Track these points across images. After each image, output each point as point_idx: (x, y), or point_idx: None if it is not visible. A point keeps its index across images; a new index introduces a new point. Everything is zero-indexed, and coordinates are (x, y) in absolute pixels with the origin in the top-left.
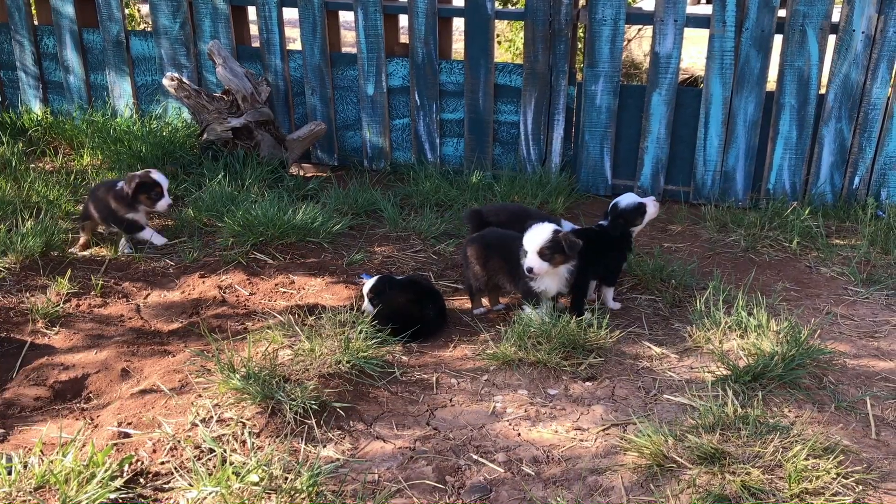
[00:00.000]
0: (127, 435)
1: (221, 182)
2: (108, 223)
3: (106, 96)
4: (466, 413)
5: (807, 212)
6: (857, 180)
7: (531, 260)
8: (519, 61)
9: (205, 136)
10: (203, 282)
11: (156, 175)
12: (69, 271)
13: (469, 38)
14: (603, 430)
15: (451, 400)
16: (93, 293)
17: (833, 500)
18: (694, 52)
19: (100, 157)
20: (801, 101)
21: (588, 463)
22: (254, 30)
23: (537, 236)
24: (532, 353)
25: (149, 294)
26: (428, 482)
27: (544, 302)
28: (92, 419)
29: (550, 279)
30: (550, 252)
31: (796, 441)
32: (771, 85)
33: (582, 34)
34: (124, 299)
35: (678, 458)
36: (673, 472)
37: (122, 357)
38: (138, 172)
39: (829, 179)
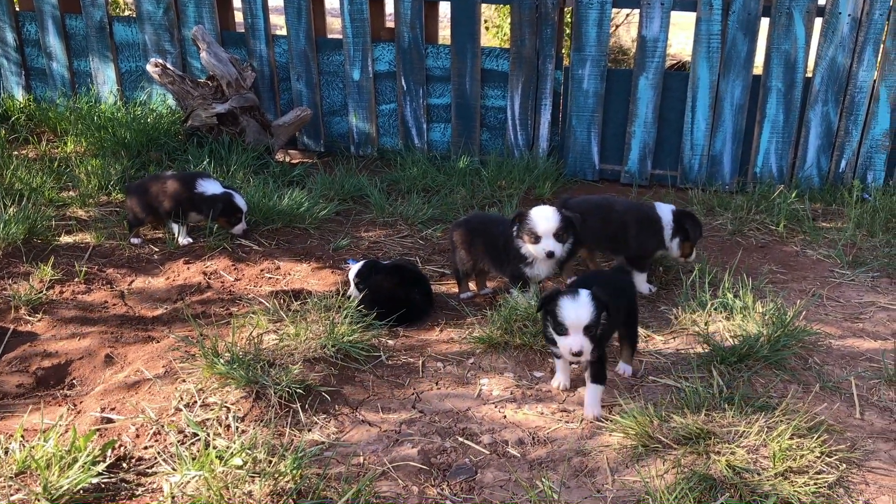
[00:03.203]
0: (110, 420)
1: (206, 168)
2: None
3: (89, 83)
4: (452, 396)
5: (793, 195)
6: (843, 164)
7: (549, 244)
8: (507, 46)
9: (189, 122)
10: (188, 268)
11: (238, 201)
12: (52, 258)
13: (455, 22)
14: None
15: (436, 383)
16: (76, 280)
17: (817, 479)
18: (682, 37)
19: (84, 144)
20: (788, 85)
21: (573, 444)
22: (238, 16)
23: (549, 219)
24: (518, 337)
25: (133, 280)
26: (413, 464)
27: (532, 285)
28: (75, 405)
29: (543, 263)
30: (564, 232)
31: (781, 421)
32: (758, 69)
33: (569, 18)
34: (108, 286)
35: (663, 439)
36: (658, 453)
37: (105, 343)
38: (219, 192)
39: (816, 163)
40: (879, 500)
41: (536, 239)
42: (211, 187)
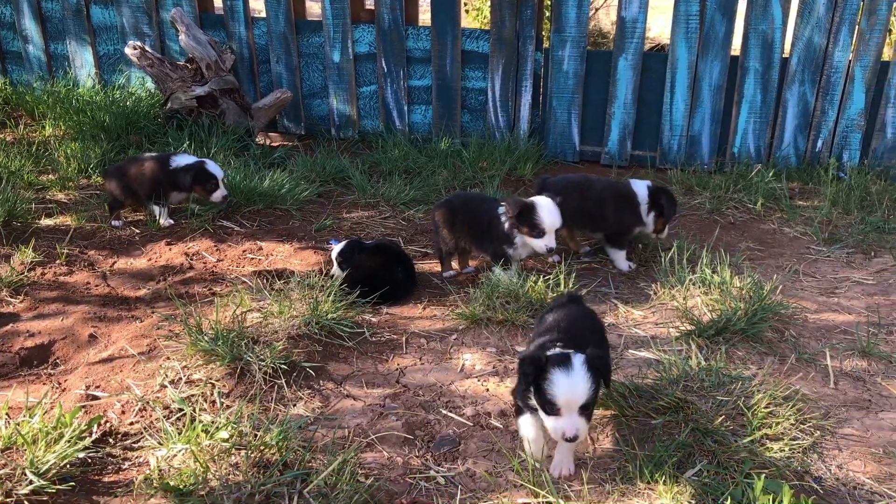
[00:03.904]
0: (95, 398)
1: (187, 151)
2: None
3: (67, 66)
4: (435, 371)
5: (771, 174)
6: (819, 143)
7: (551, 240)
8: (487, 28)
9: (169, 105)
10: (170, 249)
11: (211, 167)
12: (33, 241)
13: (436, 3)
14: None
15: (420, 359)
16: (58, 262)
17: (792, 444)
18: (661, 20)
19: (62, 127)
20: (766, 65)
21: None
22: None
23: (553, 214)
24: (500, 312)
25: (115, 262)
26: (398, 435)
27: (514, 263)
28: (59, 384)
29: (530, 249)
30: (561, 228)
31: (757, 390)
32: (736, 50)
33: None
34: (90, 267)
35: (643, 409)
36: (638, 422)
37: (88, 323)
38: (192, 162)
39: (793, 142)
40: (852, 464)
41: (540, 233)
42: (185, 160)
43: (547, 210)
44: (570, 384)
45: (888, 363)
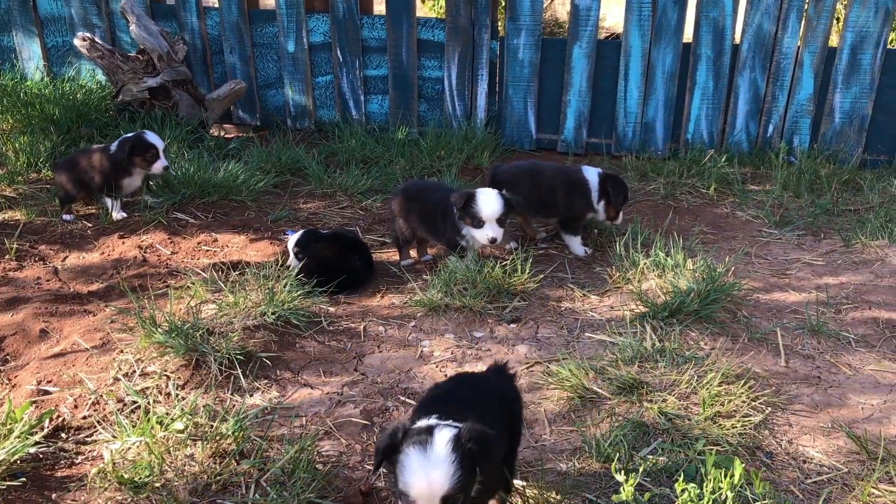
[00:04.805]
0: (47, 392)
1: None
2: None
3: (14, 59)
4: (394, 358)
5: (723, 159)
6: (770, 128)
7: (493, 230)
8: (443, 17)
9: (120, 97)
10: (123, 242)
11: (150, 136)
12: None
13: None
14: (527, 367)
15: (378, 346)
16: (7, 257)
17: (744, 421)
18: (616, 11)
19: (10, 121)
20: (717, 52)
21: None
22: None
23: (492, 204)
24: (458, 299)
25: (66, 256)
26: (356, 421)
27: (471, 250)
28: (9, 379)
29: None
30: (505, 216)
31: (710, 370)
32: (688, 37)
33: None
34: (41, 262)
35: (599, 391)
36: (594, 403)
37: (39, 318)
38: (130, 135)
39: (745, 128)
40: (801, 439)
41: (480, 224)
42: (124, 136)
43: (486, 200)
44: (428, 478)
45: (836, 341)
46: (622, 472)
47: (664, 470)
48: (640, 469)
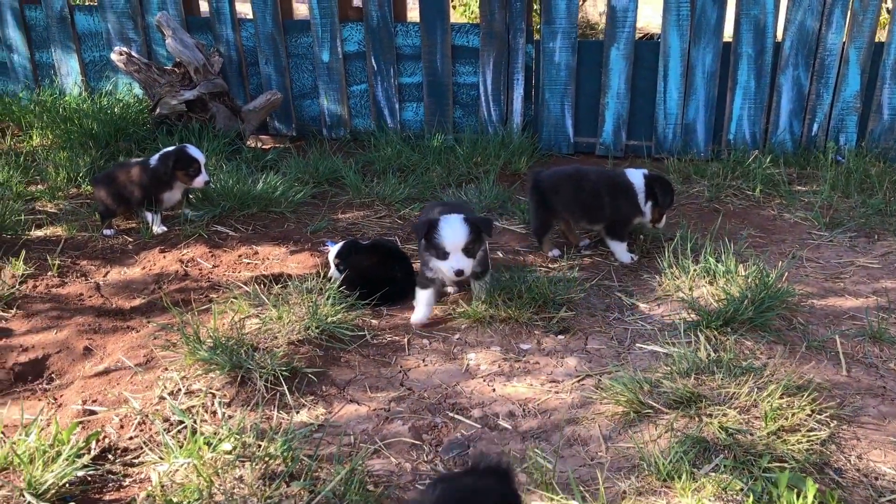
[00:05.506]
0: (92, 412)
1: None
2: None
3: (53, 74)
4: (440, 372)
5: (768, 160)
6: (815, 127)
7: (459, 261)
8: (476, 22)
9: (158, 110)
10: (164, 257)
11: (193, 151)
12: (23, 252)
13: None
14: (577, 381)
15: (423, 360)
16: (50, 273)
17: (809, 436)
18: (648, 10)
19: (50, 137)
20: (758, 50)
21: (564, 414)
22: (203, 2)
23: (456, 232)
24: (503, 310)
25: (108, 272)
26: (405, 440)
27: (427, 291)
28: (55, 399)
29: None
30: (474, 245)
31: (770, 381)
32: (728, 35)
33: None
34: (83, 278)
35: (654, 404)
36: (650, 418)
37: (83, 335)
38: (172, 149)
39: (789, 127)
40: (871, 454)
41: (444, 255)
42: (165, 150)
43: (449, 228)
44: (450, 230)
45: None
46: (685, 491)
47: (729, 489)
48: (707, 489)
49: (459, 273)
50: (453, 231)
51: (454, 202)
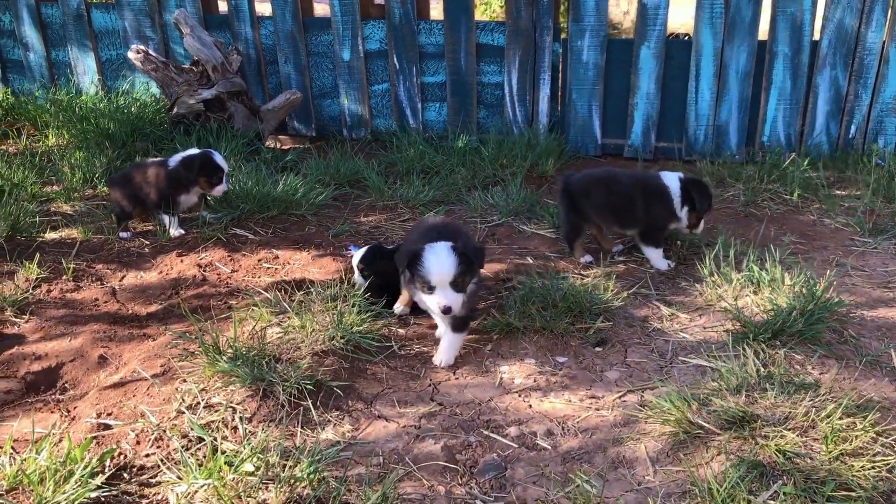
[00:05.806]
0: (107, 427)
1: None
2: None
3: (69, 73)
4: (472, 386)
5: (805, 163)
6: (853, 129)
7: (446, 296)
8: (501, 20)
9: (175, 109)
10: (181, 261)
11: (218, 159)
12: (38, 255)
13: None
14: (619, 397)
15: (454, 372)
16: (64, 277)
17: (875, 461)
18: (675, 10)
19: (66, 136)
20: (795, 49)
21: (607, 433)
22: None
23: (443, 264)
24: (538, 320)
25: (124, 276)
26: (438, 462)
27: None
28: (68, 411)
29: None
30: (463, 277)
31: (827, 399)
32: (763, 34)
33: None
34: (98, 282)
35: (705, 424)
36: (701, 439)
37: (98, 343)
38: (196, 153)
39: (826, 129)
40: None
41: (430, 289)
42: (188, 152)
43: (435, 260)
44: (436, 262)
45: None
46: None
47: None
48: None
49: (447, 311)
50: (440, 262)
51: (443, 222)
